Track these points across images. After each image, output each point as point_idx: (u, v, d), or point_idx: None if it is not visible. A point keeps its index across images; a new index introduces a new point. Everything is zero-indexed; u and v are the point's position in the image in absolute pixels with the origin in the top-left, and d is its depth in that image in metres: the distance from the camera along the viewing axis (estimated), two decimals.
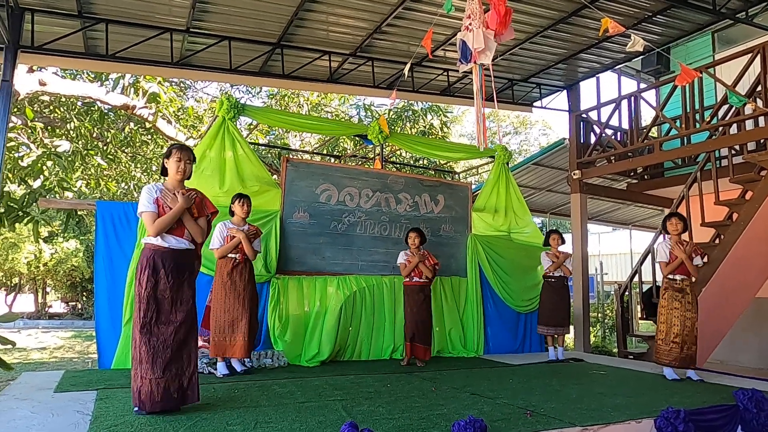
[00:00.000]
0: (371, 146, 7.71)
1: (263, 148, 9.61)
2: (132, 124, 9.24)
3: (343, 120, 11.38)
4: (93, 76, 8.44)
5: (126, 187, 11.01)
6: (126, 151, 10.33)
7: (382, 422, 3.04)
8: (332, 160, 9.27)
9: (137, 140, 9.66)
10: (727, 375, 5.33)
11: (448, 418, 3.14)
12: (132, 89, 8.10)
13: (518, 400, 3.76)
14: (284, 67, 6.92)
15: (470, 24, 3.30)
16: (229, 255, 4.51)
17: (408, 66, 5.30)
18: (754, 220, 6.30)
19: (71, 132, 8.62)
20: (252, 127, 10.34)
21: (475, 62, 3.45)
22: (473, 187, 7.72)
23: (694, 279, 5.01)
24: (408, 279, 5.58)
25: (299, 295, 5.60)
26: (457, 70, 7.88)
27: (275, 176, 5.97)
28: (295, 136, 11.89)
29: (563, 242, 6.23)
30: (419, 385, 4.30)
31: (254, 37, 6.51)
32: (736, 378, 5.07)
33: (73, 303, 21.70)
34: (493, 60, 3.87)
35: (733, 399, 3.83)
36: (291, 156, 9.81)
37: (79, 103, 8.92)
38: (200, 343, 3.86)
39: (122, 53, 6.20)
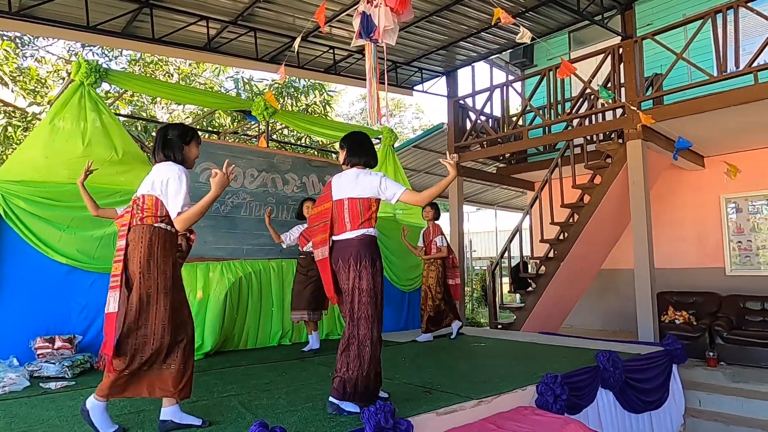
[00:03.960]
0: (254, 123, 7.27)
1: (125, 121, 8.54)
2: None
3: (224, 93, 10.57)
4: None
5: None
6: None
7: (286, 415, 2.92)
8: (210, 136, 8.57)
9: None
10: (584, 339, 6.05)
11: None
12: None
13: (414, 378, 3.86)
14: (154, 29, 6.18)
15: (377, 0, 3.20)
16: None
17: (298, 40, 5.05)
18: (603, 201, 7.19)
19: None
20: (112, 95, 9.12)
21: (377, 40, 3.36)
22: None
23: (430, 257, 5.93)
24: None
25: None
26: (343, 48, 7.86)
27: (147, 153, 5.35)
28: (162, 108, 10.78)
29: None
30: (315, 371, 4.21)
31: None
32: (591, 341, 5.77)
33: None
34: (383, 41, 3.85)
35: (595, 360, 4.35)
36: None
37: None
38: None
39: None
